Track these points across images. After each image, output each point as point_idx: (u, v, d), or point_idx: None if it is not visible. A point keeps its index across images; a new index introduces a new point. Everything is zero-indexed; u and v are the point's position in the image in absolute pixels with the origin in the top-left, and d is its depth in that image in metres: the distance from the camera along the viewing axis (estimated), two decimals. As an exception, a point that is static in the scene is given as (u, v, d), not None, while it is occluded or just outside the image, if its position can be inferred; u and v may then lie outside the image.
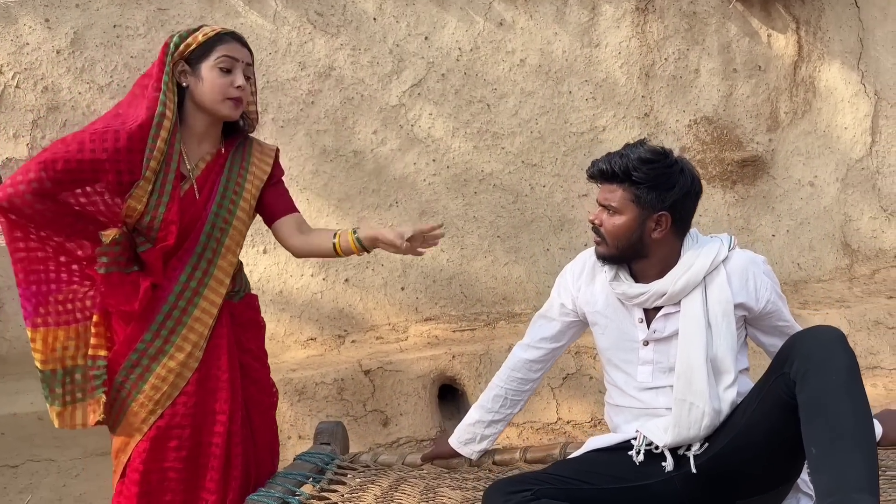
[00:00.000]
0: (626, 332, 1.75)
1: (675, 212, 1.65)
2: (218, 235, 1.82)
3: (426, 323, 3.81)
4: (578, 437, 3.40)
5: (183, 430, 1.77)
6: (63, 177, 1.66)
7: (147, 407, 1.77)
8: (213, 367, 1.82)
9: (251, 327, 1.98)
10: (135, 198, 1.71)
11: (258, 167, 1.93)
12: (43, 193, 1.66)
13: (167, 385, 1.77)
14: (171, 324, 1.78)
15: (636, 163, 1.63)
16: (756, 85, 4.15)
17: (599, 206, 1.72)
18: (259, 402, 1.94)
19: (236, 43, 1.81)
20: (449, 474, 2.02)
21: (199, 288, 1.81)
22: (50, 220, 1.70)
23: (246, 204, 1.87)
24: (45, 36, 3.39)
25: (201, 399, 1.80)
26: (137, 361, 1.77)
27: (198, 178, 1.83)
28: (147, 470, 1.75)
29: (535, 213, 3.93)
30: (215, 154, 1.86)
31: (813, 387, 1.35)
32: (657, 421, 1.68)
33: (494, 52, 3.82)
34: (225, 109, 1.78)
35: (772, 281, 1.68)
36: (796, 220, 4.25)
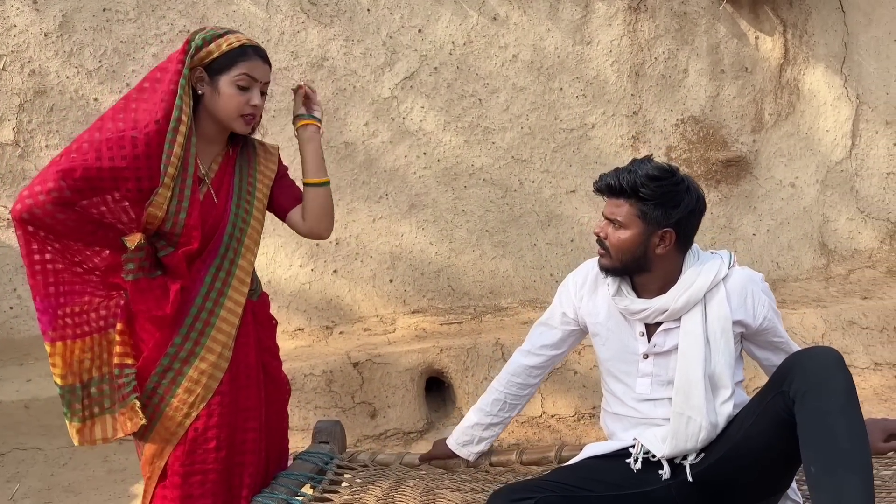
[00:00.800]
0: (627, 344, 1.79)
1: (679, 228, 1.70)
2: (238, 235, 1.83)
3: (414, 315, 3.84)
4: (563, 431, 3.48)
5: (220, 430, 1.78)
6: (82, 185, 1.63)
7: (182, 410, 1.76)
8: (241, 364, 1.83)
9: (268, 325, 2.00)
10: (155, 205, 1.70)
11: (266, 167, 1.93)
12: (63, 202, 1.63)
13: (200, 387, 1.77)
14: (200, 325, 1.77)
15: (644, 179, 1.67)
16: (742, 86, 4.21)
17: (605, 219, 1.75)
18: (275, 400, 1.96)
19: (259, 60, 1.77)
20: (447, 475, 2.06)
21: (224, 288, 1.81)
22: (72, 228, 1.67)
23: (259, 203, 1.88)
24: (33, 18, 3.32)
25: (234, 398, 1.81)
26: (169, 366, 1.76)
27: (213, 182, 1.82)
28: (187, 473, 1.76)
29: (523, 208, 3.97)
30: (224, 156, 1.86)
31: (812, 407, 1.41)
32: (655, 430, 1.74)
33: (487, 46, 3.83)
34: (238, 126, 1.78)
35: (769, 298, 1.74)
36: (777, 220, 4.34)
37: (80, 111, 3.41)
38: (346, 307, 3.80)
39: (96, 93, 3.42)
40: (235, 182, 1.84)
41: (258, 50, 1.78)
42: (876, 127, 4.44)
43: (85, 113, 3.42)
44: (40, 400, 3.13)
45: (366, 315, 3.82)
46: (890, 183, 4.51)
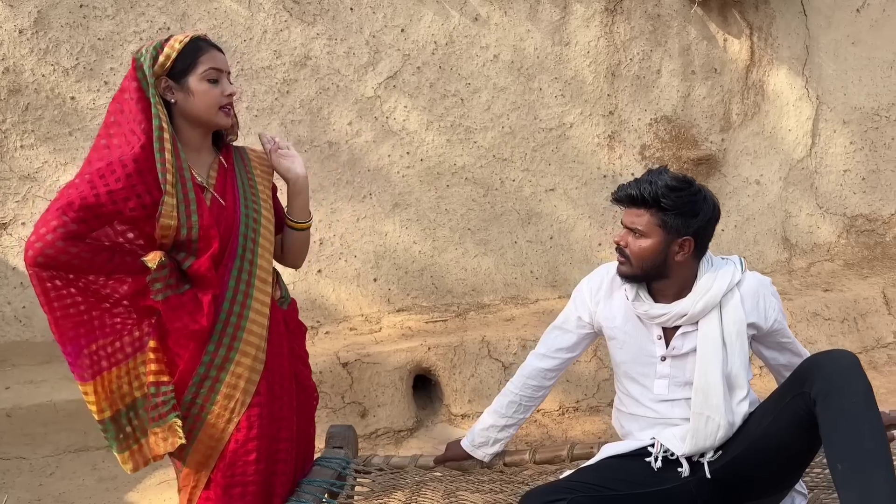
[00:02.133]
0: (645, 347, 1.86)
1: (697, 237, 1.77)
2: (252, 235, 1.83)
3: (399, 314, 3.86)
4: (549, 426, 3.56)
5: (260, 442, 1.78)
6: (84, 215, 1.62)
7: (224, 416, 1.76)
8: (276, 373, 1.84)
9: (299, 333, 2.02)
10: (165, 215, 1.68)
11: (262, 170, 1.94)
12: (72, 236, 1.61)
13: (239, 392, 1.77)
14: (231, 330, 1.77)
15: (664, 190, 1.74)
16: (712, 87, 4.35)
17: (625, 228, 1.81)
18: (306, 408, 1.98)
19: (215, 50, 1.78)
20: (463, 476, 2.11)
21: (249, 290, 1.81)
22: (87, 261, 1.65)
23: (266, 203, 1.89)
24: (7, 14, 3.21)
25: (271, 409, 1.82)
26: (206, 374, 1.76)
27: (216, 188, 1.82)
28: (228, 485, 1.76)
29: (504, 206, 4.03)
30: (219, 163, 1.87)
31: (835, 408, 1.51)
32: (673, 430, 1.82)
33: (469, 46, 3.86)
34: (220, 119, 1.79)
35: (778, 301, 1.84)
36: (743, 216, 4.51)
37: (56, 110, 3.31)
38: (330, 307, 3.80)
39: (73, 91, 3.33)
40: (239, 184, 1.85)
41: (210, 42, 1.79)
42: (834, 126, 4.65)
43: (62, 112, 3.32)
44: (22, 408, 3.05)
45: (351, 314, 3.82)
46: (846, 179, 4.73)
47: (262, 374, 1.80)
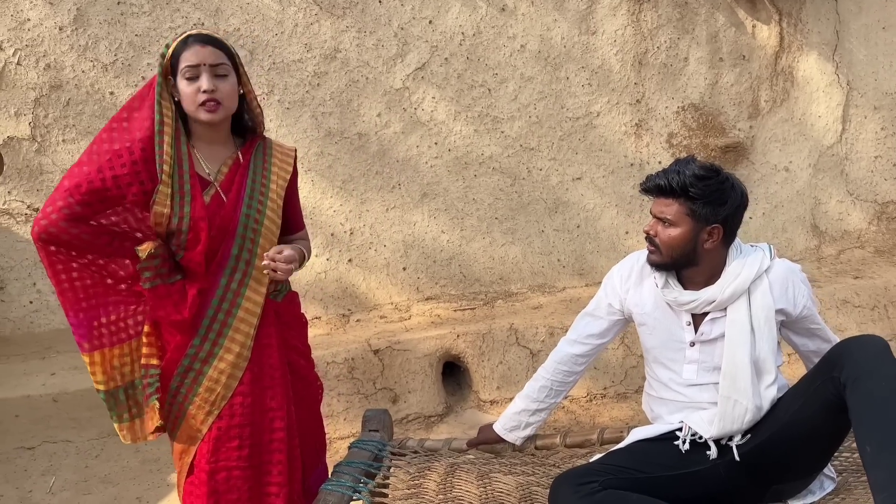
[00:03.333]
0: (674, 333, 1.90)
1: (726, 224, 1.81)
2: (252, 236, 1.84)
3: (427, 302, 3.93)
4: (577, 412, 3.61)
5: (243, 429, 1.83)
6: (90, 198, 1.71)
7: (204, 409, 1.83)
8: (265, 366, 1.87)
9: (295, 325, 2.03)
10: (158, 203, 1.75)
11: (280, 167, 1.94)
12: (75, 218, 1.71)
13: (220, 386, 1.82)
14: (218, 326, 1.82)
15: (692, 179, 1.77)
16: (740, 74, 4.33)
17: (654, 217, 1.85)
18: (304, 397, 2.00)
19: (198, 45, 1.77)
20: (495, 459, 2.17)
21: (240, 289, 1.84)
22: (87, 242, 1.74)
23: (273, 204, 1.89)
24: (47, 12, 3.31)
25: (257, 398, 1.85)
26: (190, 366, 1.83)
27: (222, 184, 1.85)
28: (212, 470, 1.82)
29: (531, 195, 4.06)
30: (235, 159, 1.89)
31: (865, 391, 1.54)
32: (701, 413, 1.86)
33: (496, 37, 3.89)
34: (201, 115, 1.78)
35: (808, 288, 1.86)
36: (771, 204, 4.50)
37: (96, 105, 3.41)
38: (361, 295, 3.88)
39: (112, 86, 3.42)
40: (248, 183, 1.86)
41: (199, 36, 1.78)
42: (865, 112, 4.60)
43: (101, 107, 3.42)
44: (68, 393, 3.16)
45: (381, 303, 3.89)
46: (877, 166, 4.69)
47: (248, 367, 1.84)
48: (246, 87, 1.89)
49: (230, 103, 1.82)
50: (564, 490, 1.71)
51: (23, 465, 2.99)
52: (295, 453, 1.90)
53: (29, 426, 3.12)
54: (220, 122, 1.83)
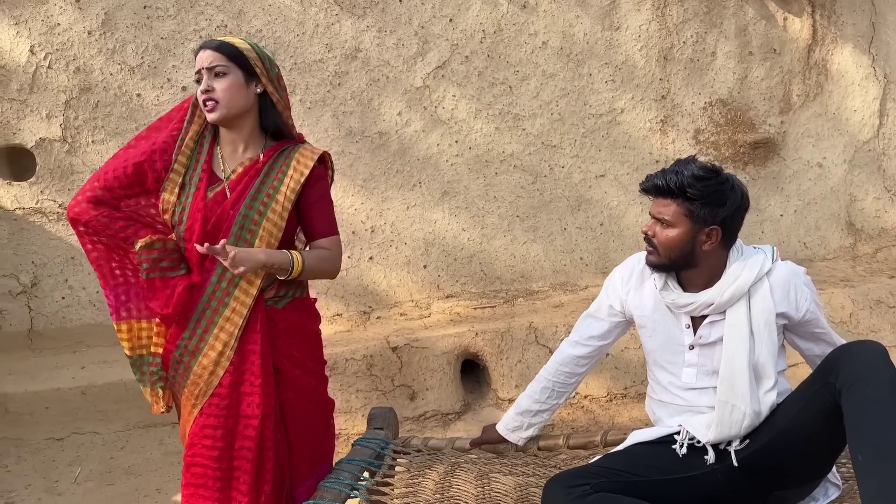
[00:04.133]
0: (673, 336, 1.88)
1: (725, 226, 1.77)
2: (247, 237, 1.85)
3: (448, 300, 3.94)
4: (596, 411, 3.58)
5: (215, 431, 1.86)
6: (112, 184, 1.89)
7: (190, 401, 1.89)
8: (246, 372, 1.87)
9: (296, 333, 1.96)
10: (167, 190, 1.89)
11: (297, 170, 1.91)
12: (97, 201, 1.88)
13: (202, 382, 1.87)
14: (205, 323, 1.87)
15: (690, 180, 1.74)
16: (770, 68, 4.23)
17: (653, 218, 1.82)
18: (296, 407, 1.94)
19: (200, 51, 1.89)
20: (498, 460, 2.17)
21: (230, 288, 1.86)
22: (105, 224, 1.88)
23: (278, 206, 1.87)
24: (76, 16, 3.41)
25: (234, 402, 1.86)
26: (180, 358, 1.90)
27: (231, 182, 1.88)
28: (189, 463, 1.88)
29: (553, 193, 4.04)
30: (255, 160, 1.91)
31: (860, 398, 1.49)
32: (700, 418, 1.83)
33: (517, 34, 3.87)
34: (206, 115, 1.89)
35: (811, 291, 1.82)
36: (804, 201, 4.38)
37: (123, 107, 3.51)
38: (382, 293, 3.91)
39: (139, 88, 3.52)
40: (256, 184, 1.87)
41: (204, 42, 1.91)
42: (904, 106, 4.45)
43: (129, 108, 3.51)
44: (96, 386, 3.27)
45: (401, 300, 3.92)
46: (917, 161, 4.53)
47: (228, 369, 1.86)
48: (267, 88, 1.90)
49: (228, 101, 1.84)
50: (555, 492, 1.70)
51: (51, 456, 3.10)
52: (266, 465, 1.88)
53: (58, 418, 3.23)
54: (227, 119, 1.87)
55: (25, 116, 3.44)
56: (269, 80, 1.91)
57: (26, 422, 3.19)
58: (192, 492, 1.90)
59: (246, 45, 1.88)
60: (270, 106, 1.93)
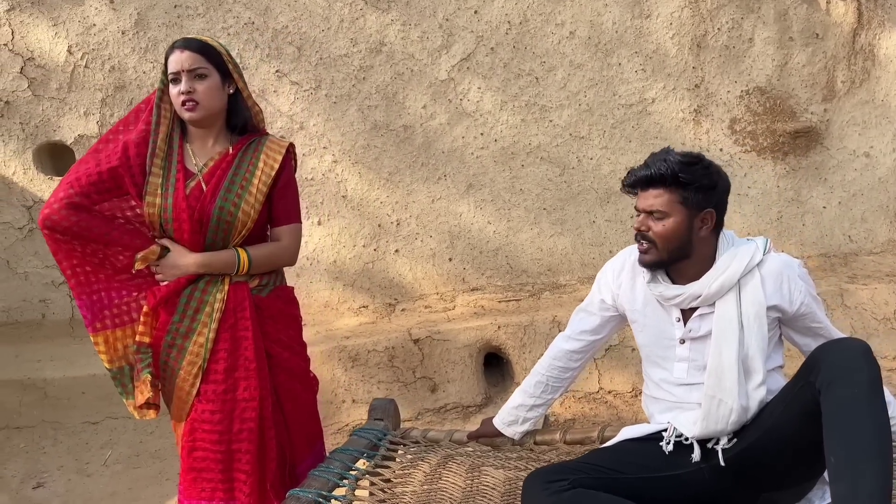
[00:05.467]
0: (664, 330, 1.84)
1: (718, 209, 1.73)
2: (224, 227, 1.95)
3: (473, 293, 3.94)
4: (620, 407, 3.53)
5: (213, 416, 1.92)
6: (88, 189, 1.90)
7: (188, 381, 1.95)
8: (240, 357, 1.95)
9: (281, 318, 2.07)
10: (150, 192, 1.92)
11: (266, 162, 2.01)
12: (75, 206, 1.89)
13: (200, 359, 1.94)
14: (195, 304, 1.95)
15: (680, 166, 1.71)
16: (813, 53, 4.06)
17: (642, 213, 1.78)
18: (289, 388, 2.05)
19: (177, 51, 1.92)
20: (493, 453, 2.17)
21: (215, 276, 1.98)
22: (86, 230, 1.91)
23: (252, 198, 1.96)
24: (111, 17, 3.54)
25: (230, 387, 1.94)
26: (172, 342, 1.96)
27: (205, 175, 1.96)
28: (191, 448, 1.94)
29: (581, 185, 3.98)
30: (224, 153, 2.00)
31: (836, 398, 1.44)
32: (688, 414, 1.79)
33: (544, 24, 3.83)
34: (184, 115, 1.94)
35: (806, 284, 1.75)
36: (849, 192, 4.19)
37: (155, 104, 3.63)
38: (407, 285, 3.94)
39: (170, 86, 3.63)
40: (229, 175, 1.96)
41: (181, 42, 1.93)
42: (960, 91, 4.20)
43: (160, 105, 3.63)
44: (129, 373, 3.40)
45: (426, 293, 3.94)
46: (976, 150, 4.28)
47: (220, 356, 1.94)
48: (238, 84, 2.00)
49: (208, 102, 1.93)
50: (534, 487, 1.69)
51: (85, 439, 3.25)
52: (269, 444, 1.96)
53: (94, 402, 3.38)
54: (204, 119, 1.95)
55: (65, 114, 3.60)
56: (240, 77, 2.01)
57: (64, 406, 3.35)
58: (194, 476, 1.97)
59: (220, 46, 1.97)
60: (241, 103, 2.03)
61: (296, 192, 2.10)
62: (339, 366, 3.48)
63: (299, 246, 2.13)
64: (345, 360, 3.49)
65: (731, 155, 4.03)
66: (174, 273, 1.95)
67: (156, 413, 2.01)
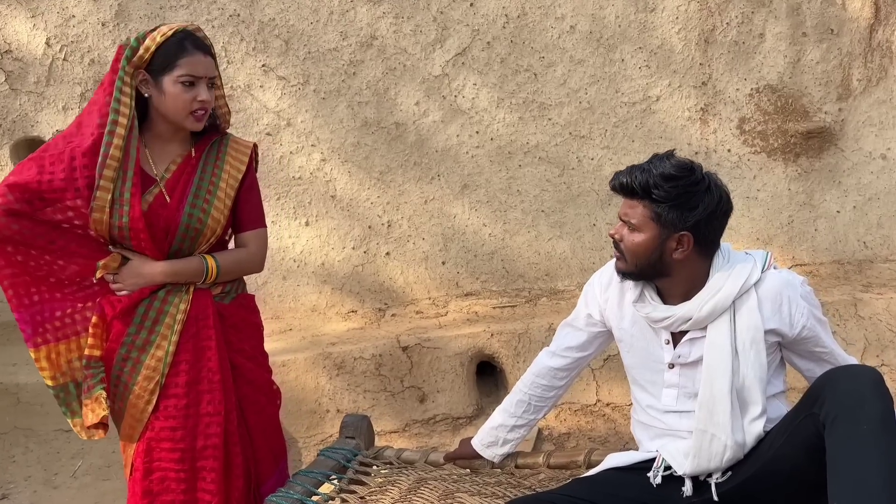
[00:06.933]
0: (652, 352, 1.67)
1: (698, 232, 1.56)
2: (192, 235, 1.83)
3: (467, 298, 3.78)
4: (619, 420, 3.36)
5: (175, 433, 1.80)
6: (29, 197, 1.73)
7: (143, 398, 1.80)
8: (203, 369, 1.83)
9: (244, 328, 1.97)
10: (96, 209, 1.74)
11: (232, 165, 1.90)
12: (15, 213, 1.73)
13: (158, 374, 1.80)
14: (154, 314, 1.81)
15: (658, 179, 1.54)
16: (827, 50, 3.86)
17: (620, 220, 1.63)
18: (254, 401, 1.94)
19: (199, 54, 1.75)
20: (471, 476, 2.01)
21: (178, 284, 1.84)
22: (30, 238, 1.75)
23: (220, 203, 1.85)
24: (90, 8, 3.41)
25: (193, 401, 1.81)
26: (127, 355, 1.81)
27: (168, 182, 1.83)
28: (147, 469, 1.81)
29: (581, 186, 3.81)
30: (186, 156, 1.86)
31: (841, 435, 1.27)
32: (679, 444, 1.62)
33: (543, 18, 3.66)
34: (189, 124, 1.79)
35: (809, 305, 1.57)
36: (864, 196, 3.99)
37: (137, 99, 3.49)
38: (398, 289, 3.78)
39: (152, 80, 3.49)
40: (195, 180, 1.83)
41: (197, 42, 1.75)
42: (984, 90, 3.99)
43: (142, 100, 3.49)
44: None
45: (418, 298, 3.78)
46: None
47: (182, 368, 1.80)
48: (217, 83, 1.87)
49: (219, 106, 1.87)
50: (505, 522, 1.54)
51: (57, 448, 3.12)
52: (235, 461, 1.85)
53: (69, 409, 3.25)
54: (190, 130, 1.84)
55: (42, 109, 3.47)
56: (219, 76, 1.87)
57: (37, 412, 3.22)
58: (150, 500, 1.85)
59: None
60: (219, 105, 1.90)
61: (259, 195, 1.98)
62: (324, 374, 3.33)
63: (266, 252, 2.02)
64: (330, 368, 3.34)
65: (739, 156, 3.85)
66: (136, 283, 1.82)
67: (105, 432, 1.87)
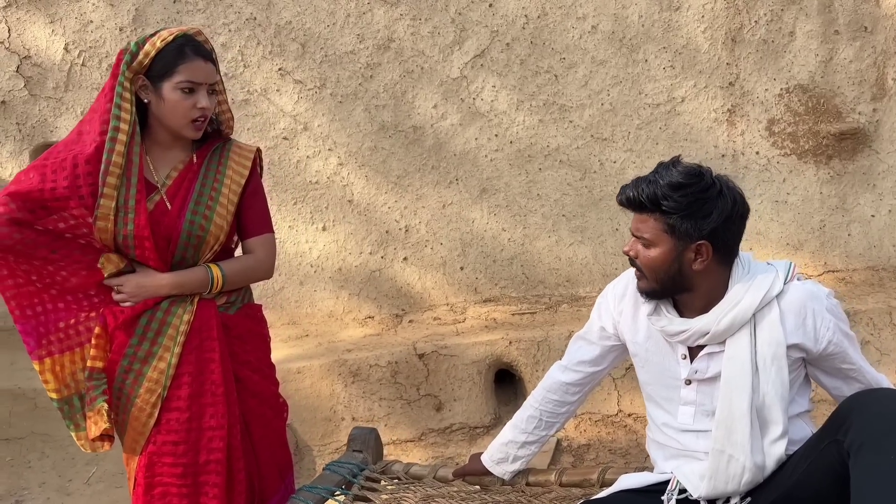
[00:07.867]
0: (668, 368, 1.59)
1: (715, 240, 1.47)
2: (195, 243, 1.79)
3: (485, 304, 3.71)
4: (640, 432, 3.26)
5: (177, 447, 1.75)
6: (32, 206, 1.69)
7: (146, 410, 1.77)
8: (207, 381, 1.78)
9: (250, 339, 1.92)
10: (101, 217, 1.70)
11: (235, 170, 1.86)
12: (17, 222, 1.69)
13: (160, 387, 1.76)
14: (156, 325, 1.78)
15: (666, 190, 1.46)
16: (861, 48, 3.72)
17: (633, 236, 1.55)
18: (260, 414, 1.90)
19: (199, 59, 1.71)
20: (480, 494, 1.94)
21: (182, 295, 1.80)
22: (31, 248, 1.71)
23: (223, 209, 1.81)
24: (108, 13, 3.41)
25: (195, 414, 1.77)
26: (129, 367, 1.77)
27: (169, 189, 1.79)
28: (149, 484, 1.77)
29: (604, 190, 3.72)
30: (188, 162, 1.82)
31: (867, 466, 1.18)
32: (695, 465, 1.54)
33: (564, 18, 3.58)
34: (188, 132, 1.75)
35: (836, 318, 1.48)
36: (900, 200, 3.84)
37: (154, 103, 3.49)
38: (416, 295, 3.73)
39: (169, 85, 3.48)
40: (196, 187, 1.79)
41: (197, 48, 1.71)
42: None
43: (159, 105, 3.49)
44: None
45: (436, 303, 3.72)
46: None
47: (184, 381, 1.75)
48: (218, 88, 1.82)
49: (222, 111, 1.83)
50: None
51: (72, 453, 3.11)
52: (239, 476, 1.80)
53: (85, 414, 3.25)
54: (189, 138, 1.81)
55: (62, 114, 3.48)
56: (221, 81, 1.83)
57: (53, 417, 3.19)
58: None
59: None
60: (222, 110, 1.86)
61: (265, 200, 1.94)
62: (340, 381, 3.29)
63: (275, 257, 1.96)
64: (345, 375, 3.29)
65: (768, 159, 3.72)
66: (141, 295, 1.78)
67: (110, 445, 1.84)
